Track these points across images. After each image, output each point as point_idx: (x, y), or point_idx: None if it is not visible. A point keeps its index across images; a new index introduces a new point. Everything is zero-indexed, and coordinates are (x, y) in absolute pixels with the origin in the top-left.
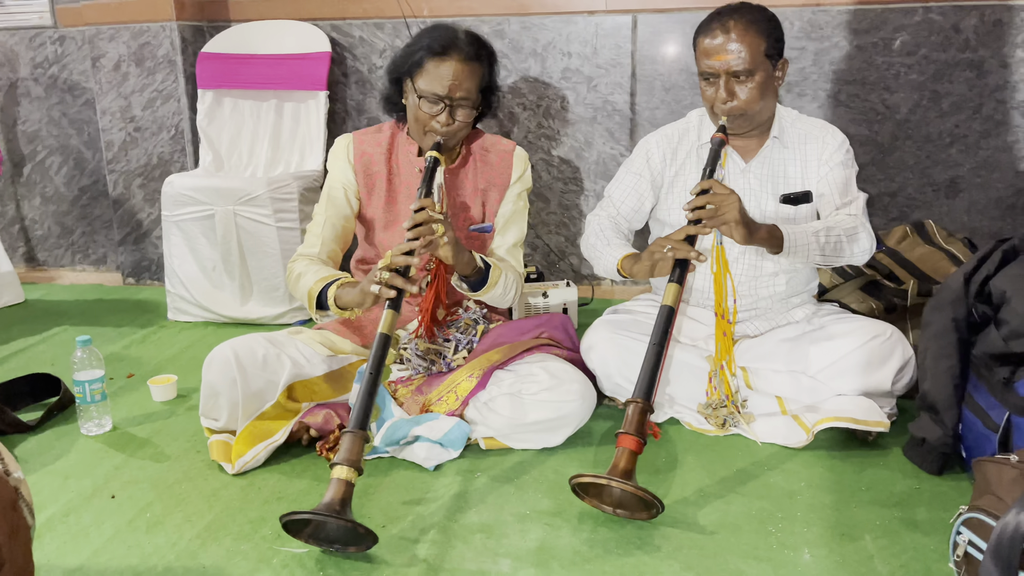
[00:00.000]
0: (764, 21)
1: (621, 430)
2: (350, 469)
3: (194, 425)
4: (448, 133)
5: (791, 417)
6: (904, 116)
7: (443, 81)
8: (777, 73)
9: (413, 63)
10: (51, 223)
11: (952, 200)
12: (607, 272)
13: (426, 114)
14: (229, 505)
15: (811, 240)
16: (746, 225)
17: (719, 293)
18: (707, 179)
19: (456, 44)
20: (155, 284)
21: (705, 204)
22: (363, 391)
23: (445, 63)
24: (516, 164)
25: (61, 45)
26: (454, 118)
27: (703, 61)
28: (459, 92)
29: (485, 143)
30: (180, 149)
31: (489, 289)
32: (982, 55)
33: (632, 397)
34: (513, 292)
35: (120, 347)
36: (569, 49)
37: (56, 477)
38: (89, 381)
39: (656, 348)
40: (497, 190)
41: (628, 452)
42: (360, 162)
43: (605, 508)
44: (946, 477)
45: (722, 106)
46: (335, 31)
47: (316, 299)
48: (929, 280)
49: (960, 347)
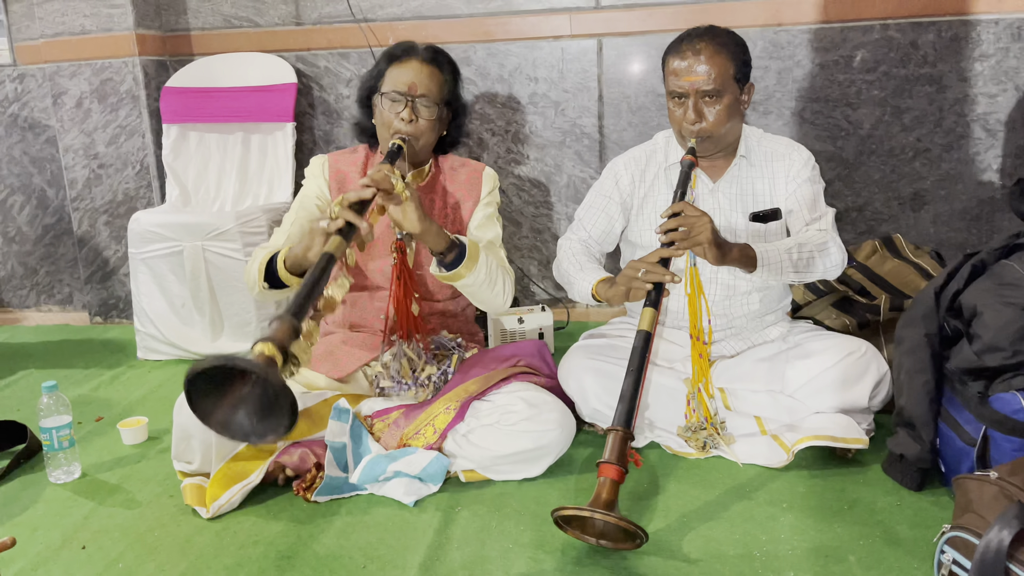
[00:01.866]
0: (733, 45)
1: (602, 459)
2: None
3: (166, 468)
4: (413, 132)
5: (771, 437)
6: (867, 131)
7: (404, 80)
8: (743, 97)
9: (377, 75)
10: (14, 263)
11: (918, 213)
12: (582, 297)
13: (390, 114)
14: (204, 552)
15: (784, 257)
16: (719, 246)
17: (694, 315)
18: (678, 201)
19: (414, 48)
20: (123, 323)
21: (677, 227)
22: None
23: (405, 65)
24: (486, 181)
25: (21, 83)
26: (417, 116)
27: (672, 81)
28: (420, 90)
29: (455, 163)
30: (146, 185)
31: (471, 266)
32: (941, 70)
33: (612, 425)
34: (502, 285)
35: (88, 389)
36: (536, 74)
37: (24, 529)
38: (56, 427)
39: (634, 375)
40: (468, 204)
41: (610, 482)
42: (335, 179)
43: (588, 539)
44: (926, 493)
45: (689, 127)
46: (300, 62)
47: (265, 271)
48: (900, 294)
49: (934, 362)
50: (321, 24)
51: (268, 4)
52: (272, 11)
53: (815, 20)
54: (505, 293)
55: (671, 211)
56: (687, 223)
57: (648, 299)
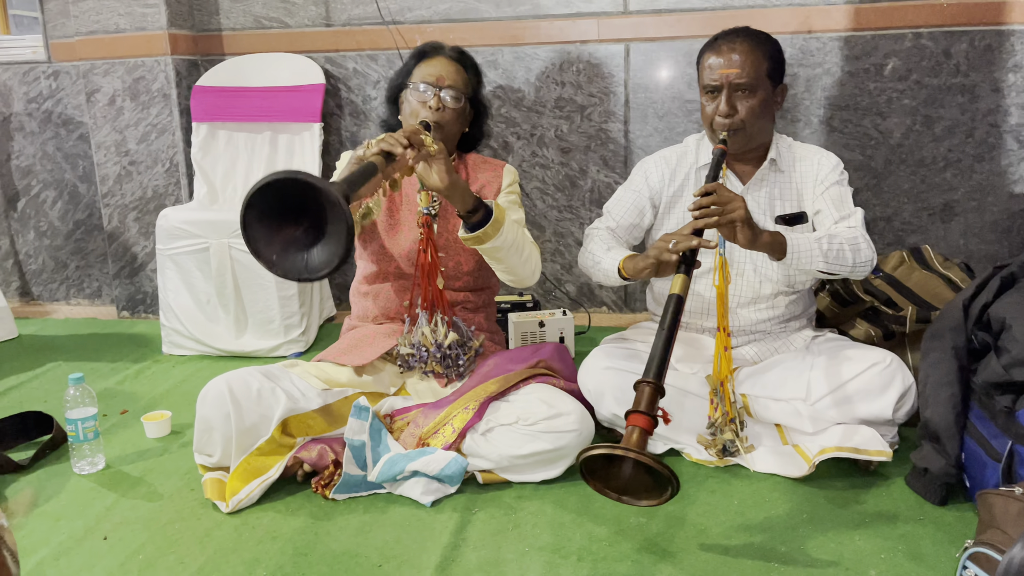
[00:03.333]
0: (768, 43)
1: (631, 409)
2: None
3: (188, 462)
4: (438, 118)
5: (792, 447)
6: (897, 141)
7: (431, 73)
8: (776, 97)
9: (405, 72)
10: (45, 257)
11: (947, 224)
12: (607, 277)
13: (418, 102)
14: (222, 546)
15: (814, 247)
16: (750, 226)
17: (721, 305)
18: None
19: (441, 47)
20: (150, 317)
21: (711, 204)
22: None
23: (432, 61)
24: (506, 176)
25: (55, 80)
26: (444, 105)
27: (706, 75)
28: (447, 82)
29: (476, 160)
30: (175, 182)
31: (497, 227)
32: (974, 79)
33: (643, 378)
34: (529, 252)
35: (114, 382)
36: (562, 78)
37: (47, 519)
38: (82, 419)
39: (665, 332)
40: (490, 189)
41: (639, 430)
42: None
43: (610, 494)
44: (950, 507)
45: (721, 120)
46: (329, 63)
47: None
48: (927, 306)
49: (960, 375)
50: (350, 26)
51: (298, 5)
52: (302, 12)
53: (846, 27)
54: (534, 262)
55: (704, 190)
56: (721, 200)
57: (679, 268)
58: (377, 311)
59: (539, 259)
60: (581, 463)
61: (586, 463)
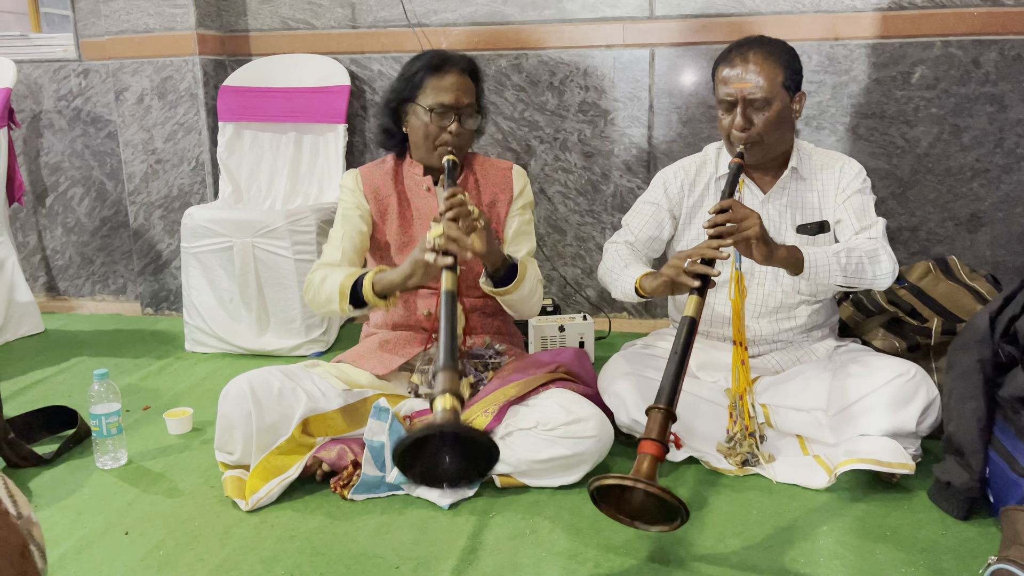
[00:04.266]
0: (783, 53)
1: (643, 436)
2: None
3: (209, 459)
4: (461, 141)
5: (813, 458)
6: (924, 150)
7: (449, 92)
8: (795, 106)
9: (413, 85)
10: (72, 253)
11: (974, 235)
12: (625, 294)
13: (437, 127)
14: (242, 543)
15: (832, 261)
16: (766, 243)
17: (737, 319)
18: (727, 200)
19: (452, 59)
20: (173, 315)
21: (726, 221)
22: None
23: (447, 76)
24: (516, 180)
25: (85, 78)
26: (464, 126)
27: (721, 89)
28: (465, 100)
29: (483, 162)
30: (200, 181)
31: (519, 284)
32: (1003, 89)
33: (654, 404)
34: (538, 297)
35: (137, 378)
36: (586, 83)
37: (70, 513)
38: (105, 415)
39: (678, 356)
40: (502, 204)
41: (650, 457)
42: (370, 189)
43: (622, 519)
44: (973, 522)
45: (738, 134)
46: (354, 65)
47: (350, 291)
48: (953, 318)
49: (986, 389)
50: (376, 28)
51: (325, 7)
52: (328, 14)
53: (873, 35)
54: (537, 300)
55: (720, 207)
56: (736, 218)
57: (693, 289)
58: (393, 321)
59: (542, 294)
60: (593, 491)
61: (598, 489)
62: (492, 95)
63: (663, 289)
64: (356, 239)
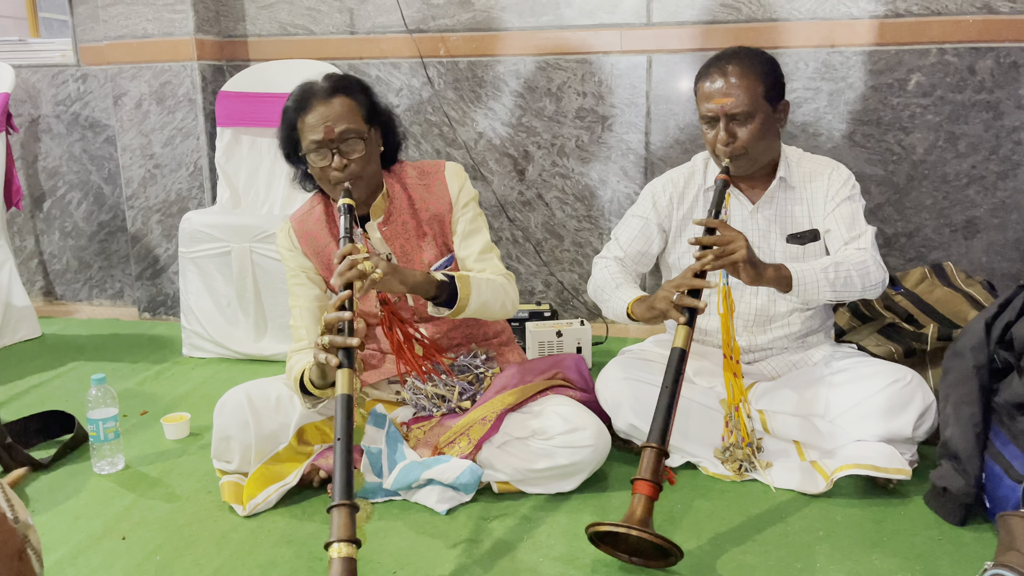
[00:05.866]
0: (761, 64)
1: (637, 476)
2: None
3: (206, 464)
4: (350, 174)
5: (809, 463)
6: (920, 157)
7: (317, 128)
8: (778, 115)
9: (289, 135)
10: (69, 257)
11: (970, 241)
12: (616, 316)
13: (320, 169)
14: (239, 549)
15: (820, 277)
16: (753, 265)
17: (726, 333)
18: (713, 219)
19: (312, 90)
20: (170, 319)
21: (712, 244)
22: (338, 460)
23: (310, 112)
24: (451, 182)
25: (83, 83)
26: (347, 157)
27: (703, 105)
28: (338, 128)
29: (413, 174)
30: (198, 186)
31: (466, 302)
32: (998, 96)
33: (646, 442)
34: (504, 296)
35: (134, 383)
36: (584, 89)
37: (66, 517)
38: (103, 419)
39: (668, 391)
40: (444, 213)
41: (644, 499)
42: (306, 243)
43: (621, 556)
44: (969, 528)
45: (722, 148)
46: (352, 71)
47: (301, 392)
48: (949, 324)
49: (982, 394)
50: (374, 34)
51: (323, 13)
52: (327, 20)
53: (869, 42)
54: (510, 303)
55: (705, 227)
56: (722, 240)
57: (682, 319)
58: (375, 345)
59: (515, 295)
60: (589, 535)
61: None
62: (490, 101)
63: (655, 319)
64: (314, 310)
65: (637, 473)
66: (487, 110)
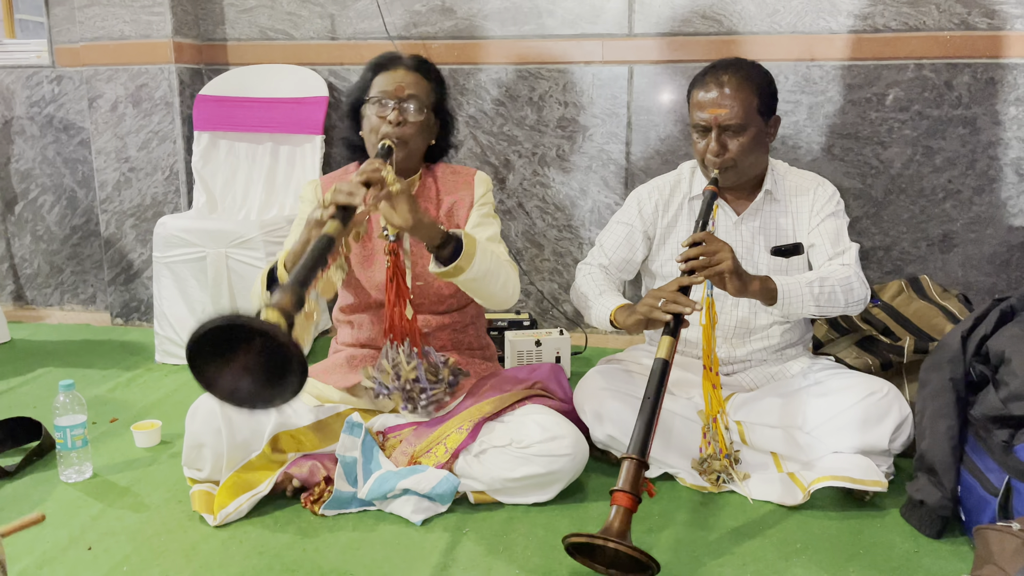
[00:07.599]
0: (758, 77)
1: (616, 487)
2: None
3: (176, 473)
4: (401, 134)
5: (787, 475)
6: (898, 171)
7: (390, 83)
8: (769, 129)
9: (363, 86)
10: (41, 262)
11: (946, 255)
12: (599, 322)
13: (377, 117)
14: (209, 560)
15: (805, 291)
16: (739, 277)
17: (708, 345)
18: (700, 231)
19: (399, 57)
20: (144, 325)
21: (699, 255)
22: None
23: (390, 72)
24: (478, 185)
25: (58, 85)
26: (405, 118)
27: (696, 113)
28: (407, 91)
29: (446, 170)
30: (174, 190)
31: (469, 259)
32: (975, 112)
33: (626, 453)
34: (506, 277)
35: (105, 390)
36: (565, 98)
37: (32, 527)
38: (71, 427)
39: (651, 402)
40: (463, 207)
41: (623, 510)
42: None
43: (598, 568)
44: (945, 540)
45: (712, 158)
46: (332, 76)
47: (267, 276)
48: (925, 337)
49: (958, 407)
50: (355, 40)
51: (304, 18)
52: (308, 25)
53: (848, 56)
54: (512, 286)
55: (692, 240)
56: (708, 251)
57: (667, 328)
58: (359, 339)
59: (517, 281)
60: (568, 545)
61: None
62: (471, 109)
63: (637, 327)
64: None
65: (616, 484)
66: (468, 118)
